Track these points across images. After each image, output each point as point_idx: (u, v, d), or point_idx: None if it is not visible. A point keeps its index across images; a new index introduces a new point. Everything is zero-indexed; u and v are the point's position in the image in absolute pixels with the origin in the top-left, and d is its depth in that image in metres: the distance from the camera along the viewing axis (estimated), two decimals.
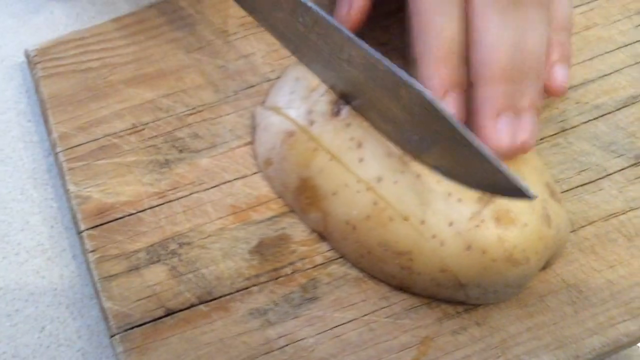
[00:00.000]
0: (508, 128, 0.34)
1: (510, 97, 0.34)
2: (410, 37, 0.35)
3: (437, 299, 0.37)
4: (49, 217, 0.41)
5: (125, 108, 0.41)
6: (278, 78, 0.41)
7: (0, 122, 0.44)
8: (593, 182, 0.39)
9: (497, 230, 0.34)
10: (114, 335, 0.36)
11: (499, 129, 0.34)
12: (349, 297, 0.37)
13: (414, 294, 0.37)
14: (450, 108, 0.34)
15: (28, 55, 0.43)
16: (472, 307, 0.36)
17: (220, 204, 0.39)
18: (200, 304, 0.37)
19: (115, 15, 0.44)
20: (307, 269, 0.37)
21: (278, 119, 0.38)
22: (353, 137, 0.36)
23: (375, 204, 0.35)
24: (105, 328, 0.37)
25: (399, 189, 0.35)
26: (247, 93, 0.42)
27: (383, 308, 0.37)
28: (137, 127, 0.41)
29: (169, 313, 0.36)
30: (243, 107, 0.41)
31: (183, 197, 0.39)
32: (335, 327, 0.36)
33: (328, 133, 0.37)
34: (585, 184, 0.39)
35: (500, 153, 0.34)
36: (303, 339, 0.36)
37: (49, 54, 0.43)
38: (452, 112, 0.33)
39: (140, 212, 0.39)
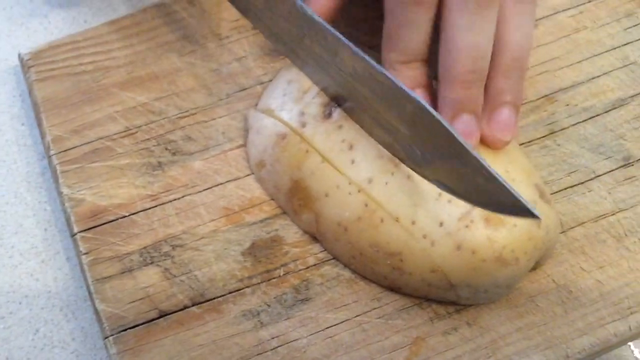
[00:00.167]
0: (465, 129, 0.34)
1: (470, 99, 0.35)
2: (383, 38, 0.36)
3: (428, 300, 0.37)
4: (43, 220, 0.41)
5: (119, 111, 0.41)
6: (270, 81, 0.42)
7: None
8: (582, 183, 0.40)
9: (486, 231, 0.34)
10: (108, 337, 0.36)
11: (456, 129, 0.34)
12: (342, 298, 0.37)
13: (406, 295, 0.37)
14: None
15: (22, 59, 0.43)
16: (462, 307, 0.37)
17: (213, 206, 0.39)
18: (193, 306, 0.37)
19: (109, 19, 0.44)
20: (299, 270, 0.38)
21: (270, 122, 0.39)
22: (344, 139, 0.37)
23: (367, 206, 0.36)
24: (99, 330, 0.37)
25: (390, 190, 0.35)
26: (239, 96, 0.42)
27: (375, 309, 0.37)
28: (130, 130, 0.41)
29: (162, 315, 0.36)
30: (236, 109, 0.41)
31: (176, 199, 0.39)
32: (328, 327, 0.36)
33: (320, 135, 0.37)
34: (575, 186, 0.40)
35: None
36: (296, 340, 0.36)
37: (43, 58, 0.43)
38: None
39: (133, 214, 0.39)
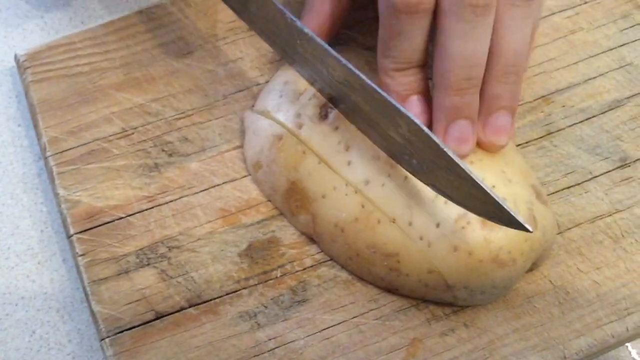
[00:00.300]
0: (461, 135, 0.35)
1: (465, 105, 0.35)
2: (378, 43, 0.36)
3: (425, 301, 0.37)
4: (39, 221, 0.41)
5: (115, 112, 0.41)
6: (267, 82, 0.42)
7: None
8: (579, 184, 0.40)
9: (483, 232, 0.34)
10: (104, 339, 0.36)
11: (449, 135, 0.35)
12: (339, 299, 0.37)
13: (403, 296, 0.37)
14: (412, 110, 0.35)
15: (18, 60, 0.43)
16: (460, 308, 0.37)
17: (210, 208, 0.39)
18: (190, 307, 0.37)
19: (105, 20, 0.44)
20: (296, 272, 0.38)
21: (267, 123, 0.39)
22: (341, 140, 0.37)
23: (363, 207, 0.36)
24: (95, 332, 0.37)
25: (387, 192, 0.35)
26: (236, 97, 0.42)
27: (372, 310, 0.37)
28: (126, 131, 0.41)
29: (159, 316, 0.36)
30: (232, 111, 0.41)
31: (172, 200, 0.39)
32: (325, 329, 0.36)
33: (316, 136, 0.37)
34: (571, 187, 0.40)
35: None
36: (293, 341, 0.36)
37: (39, 59, 0.43)
38: (414, 113, 0.34)
39: (130, 215, 0.39)
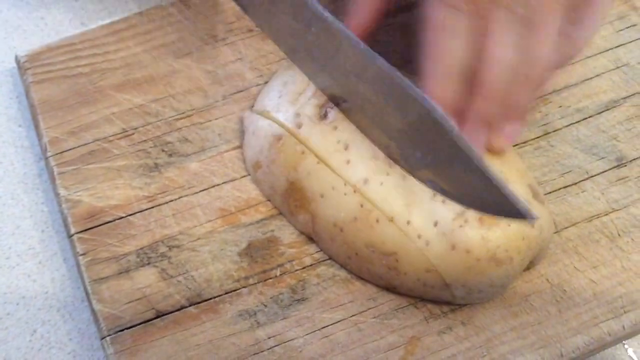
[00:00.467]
0: (478, 141, 0.35)
1: (498, 113, 0.35)
2: (421, 50, 0.36)
3: (423, 299, 0.37)
4: (40, 221, 0.42)
5: (115, 113, 0.41)
6: (266, 83, 0.42)
7: None
8: (576, 184, 0.40)
9: (480, 231, 0.34)
10: (105, 338, 0.36)
11: (478, 140, 0.35)
12: (337, 297, 0.37)
13: (401, 295, 0.37)
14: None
15: (18, 61, 0.43)
16: (457, 307, 0.37)
17: (210, 207, 0.39)
18: (190, 306, 0.37)
19: (105, 22, 0.44)
20: (295, 271, 0.38)
21: (266, 123, 0.39)
22: (340, 139, 0.37)
23: (362, 206, 0.36)
24: (96, 330, 0.37)
25: (385, 191, 0.36)
26: (235, 98, 0.42)
27: (371, 308, 0.37)
28: (126, 131, 0.41)
29: (159, 315, 0.37)
30: (232, 111, 0.42)
31: (172, 200, 0.39)
32: (324, 327, 0.37)
33: (315, 136, 0.37)
34: (568, 186, 0.40)
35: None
36: (292, 340, 0.36)
37: (40, 60, 0.43)
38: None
39: (130, 215, 0.39)
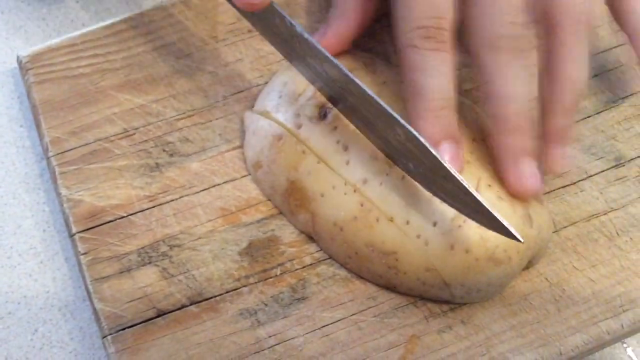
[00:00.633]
0: (527, 175, 0.35)
1: (523, 145, 0.35)
2: (403, 88, 0.36)
3: (423, 298, 0.37)
4: (41, 220, 0.42)
5: (116, 113, 0.42)
6: (266, 83, 0.42)
7: None
8: (574, 183, 0.40)
9: (479, 230, 0.34)
10: (106, 336, 0.36)
11: (520, 174, 0.35)
12: (338, 296, 0.37)
13: (401, 294, 0.37)
14: (444, 157, 0.34)
15: (20, 62, 0.43)
16: (457, 306, 0.37)
17: (210, 207, 0.39)
18: (191, 305, 0.37)
19: (107, 22, 0.44)
20: (296, 270, 0.38)
21: (267, 123, 0.39)
22: (339, 140, 0.37)
23: (362, 206, 0.36)
24: (98, 329, 0.37)
25: (385, 191, 0.36)
26: (236, 98, 0.42)
27: (371, 307, 0.37)
28: (128, 131, 0.41)
29: (160, 314, 0.37)
30: (232, 111, 0.42)
31: (173, 200, 0.40)
32: (324, 326, 0.37)
33: (315, 136, 0.37)
34: (567, 186, 0.40)
35: (523, 195, 0.35)
36: (292, 339, 0.36)
37: (41, 60, 0.43)
38: (446, 159, 0.33)
39: (131, 215, 0.39)
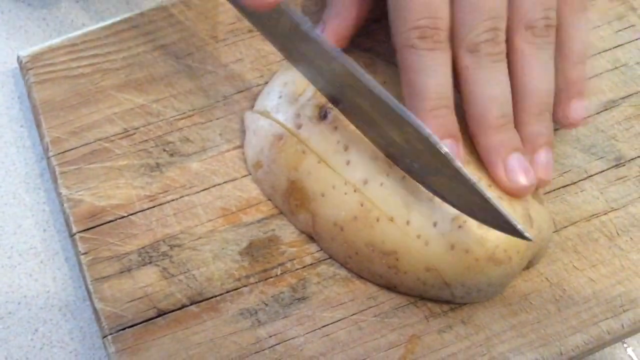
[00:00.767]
0: (519, 166, 0.35)
1: (511, 139, 0.35)
2: (402, 88, 0.36)
3: (423, 298, 0.37)
4: (42, 220, 0.42)
5: (117, 113, 0.42)
6: (266, 83, 0.42)
7: None
8: (575, 183, 0.40)
9: (479, 231, 0.34)
10: (107, 336, 0.36)
11: (510, 170, 0.35)
12: (338, 296, 0.37)
13: (401, 293, 0.37)
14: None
15: (20, 62, 0.43)
16: (457, 306, 0.37)
17: (211, 207, 0.39)
18: (191, 305, 0.37)
19: (107, 22, 0.44)
20: (296, 270, 0.38)
21: (267, 123, 0.39)
22: (339, 140, 0.37)
23: (362, 205, 0.36)
24: (98, 329, 0.37)
25: (385, 191, 0.36)
26: (236, 98, 0.42)
27: (371, 307, 0.37)
28: (128, 131, 0.41)
29: (161, 314, 0.37)
30: (232, 111, 0.42)
31: (174, 200, 0.40)
32: (325, 326, 0.37)
33: (315, 136, 0.37)
34: (567, 186, 0.40)
35: (518, 192, 0.35)
36: (293, 338, 0.36)
37: (41, 60, 0.43)
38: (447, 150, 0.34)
39: (132, 214, 0.39)
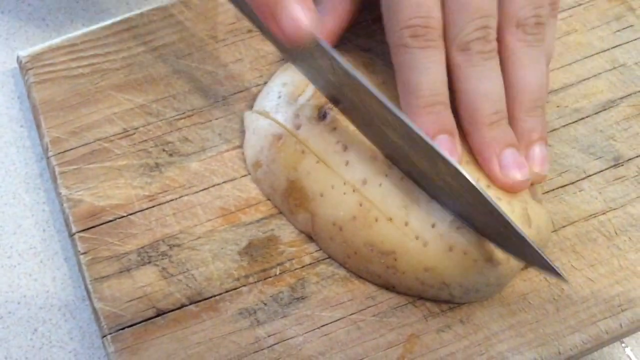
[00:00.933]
0: (513, 161, 0.35)
1: (505, 134, 0.35)
2: (397, 85, 0.37)
3: (422, 298, 0.37)
4: (41, 220, 0.42)
5: (116, 113, 0.42)
6: (266, 83, 0.42)
7: None
8: (573, 183, 0.40)
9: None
10: (106, 336, 0.36)
11: (505, 166, 0.35)
12: (337, 296, 0.37)
13: (400, 293, 0.37)
14: (442, 149, 0.34)
15: (20, 62, 0.43)
16: (456, 305, 0.37)
17: (210, 207, 0.39)
18: (191, 305, 0.37)
19: (106, 22, 0.44)
20: (295, 269, 0.38)
21: (266, 123, 0.39)
22: (339, 140, 0.37)
23: (361, 205, 0.36)
24: (97, 329, 0.38)
25: (384, 191, 0.36)
26: (235, 98, 0.42)
27: (370, 307, 0.37)
28: (127, 131, 0.41)
29: (160, 313, 0.37)
30: (232, 111, 0.42)
31: (173, 199, 0.40)
32: (324, 325, 0.37)
33: (314, 137, 0.38)
34: (566, 185, 0.40)
35: (513, 188, 0.35)
36: (292, 338, 0.36)
37: (41, 60, 0.43)
38: (444, 152, 0.33)
39: (131, 214, 0.39)
